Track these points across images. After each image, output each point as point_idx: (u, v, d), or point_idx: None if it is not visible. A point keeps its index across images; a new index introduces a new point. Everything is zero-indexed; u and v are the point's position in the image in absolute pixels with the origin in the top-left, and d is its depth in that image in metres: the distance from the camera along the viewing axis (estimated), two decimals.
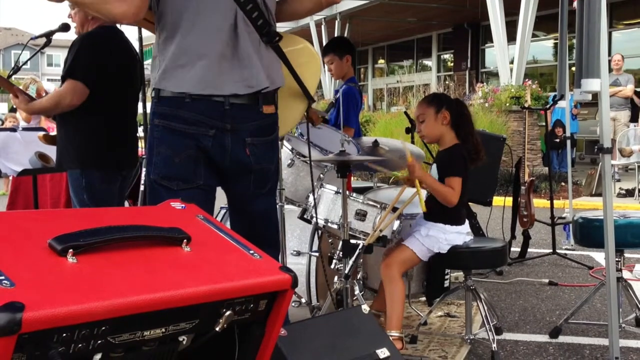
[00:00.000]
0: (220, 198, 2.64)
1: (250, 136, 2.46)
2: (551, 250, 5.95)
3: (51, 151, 4.02)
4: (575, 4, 5.44)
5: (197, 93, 2.35)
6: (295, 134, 3.96)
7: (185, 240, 1.64)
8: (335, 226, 3.45)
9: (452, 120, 3.48)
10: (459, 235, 3.44)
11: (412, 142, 4.96)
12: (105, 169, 3.46)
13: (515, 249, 5.96)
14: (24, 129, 5.20)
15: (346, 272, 3.31)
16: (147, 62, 4.08)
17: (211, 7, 2.36)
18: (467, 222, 3.55)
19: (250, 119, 2.46)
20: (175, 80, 2.37)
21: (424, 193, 3.50)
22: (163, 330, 1.47)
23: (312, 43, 2.82)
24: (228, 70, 2.38)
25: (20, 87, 3.94)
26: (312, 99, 2.75)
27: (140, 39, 4.21)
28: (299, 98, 2.73)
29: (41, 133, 4.14)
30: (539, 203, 8.08)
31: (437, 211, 3.44)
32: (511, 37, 13.04)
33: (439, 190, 3.39)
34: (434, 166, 3.55)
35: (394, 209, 3.39)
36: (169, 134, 2.40)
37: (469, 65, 20.97)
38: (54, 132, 3.77)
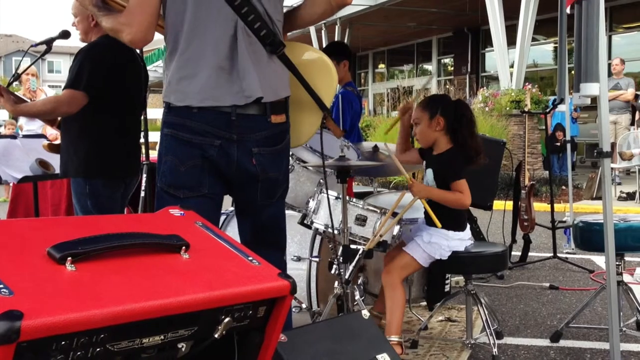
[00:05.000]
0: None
1: (257, 146, 2.47)
2: (552, 254, 5.95)
3: (52, 158, 4.03)
4: (568, 9, 5.46)
5: (198, 105, 2.38)
6: None
7: (183, 248, 1.65)
8: (335, 231, 3.44)
9: (448, 125, 3.45)
10: (461, 242, 3.43)
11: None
12: (109, 177, 3.47)
13: (516, 253, 5.96)
14: (25, 136, 5.21)
15: (346, 277, 3.32)
16: (148, 68, 4.08)
17: (210, 19, 2.38)
18: (468, 227, 3.54)
19: (257, 129, 2.46)
20: (178, 94, 2.41)
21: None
22: (162, 337, 1.47)
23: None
24: (226, 82, 2.39)
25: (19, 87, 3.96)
26: (326, 110, 2.71)
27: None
28: (314, 109, 2.70)
29: (46, 142, 4.15)
30: (540, 207, 8.08)
31: (438, 216, 3.43)
32: (511, 41, 13.06)
33: (449, 199, 3.36)
34: (429, 171, 3.51)
35: (394, 214, 3.39)
36: (176, 143, 2.43)
37: (469, 70, 21.00)
38: (58, 141, 3.77)
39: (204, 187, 2.45)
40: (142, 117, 4.00)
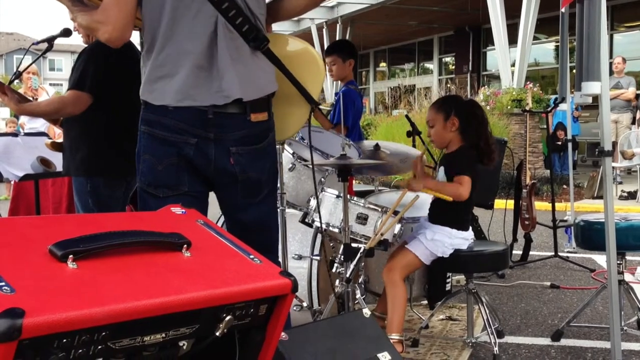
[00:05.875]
0: None
1: (235, 145, 2.40)
2: (553, 253, 5.95)
3: (54, 156, 4.03)
4: (563, 9, 5.47)
5: (175, 105, 2.32)
6: (296, 138, 3.96)
7: (185, 246, 1.64)
8: (336, 230, 3.45)
9: (461, 125, 3.47)
10: (464, 240, 3.43)
11: (413, 146, 4.97)
12: (110, 176, 3.47)
13: (517, 252, 5.96)
14: (26, 134, 5.22)
15: (347, 275, 3.32)
16: None
17: (189, 15, 2.31)
18: (470, 228, 3.54)
19: (235, 127, 2.40)
20: (155, 93, 2.36)
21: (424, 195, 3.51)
22: (163, 335, 1.47)
23: (313, 47, 2.77)
24: (205, 81, 2.33)
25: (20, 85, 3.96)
26: (314, 103, 2.66)
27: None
28: (301, 102, 2.65)
29: (49, 140, 4.15)
30: (541, 206, 8.07)
31: (443, 214, 3.43)
32: (512, 40, 13.06)
33: (444, 189, 3.37)
34: (441, 169, 3.52)
35: (395, 213, 3.39)
36: (152, 142, 2.38)
37: (470, 68, 20.99)
38: (60, 139, 3.77)
39: (183, 186, 2.40)
40: None
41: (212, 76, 2.34)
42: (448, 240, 3.39)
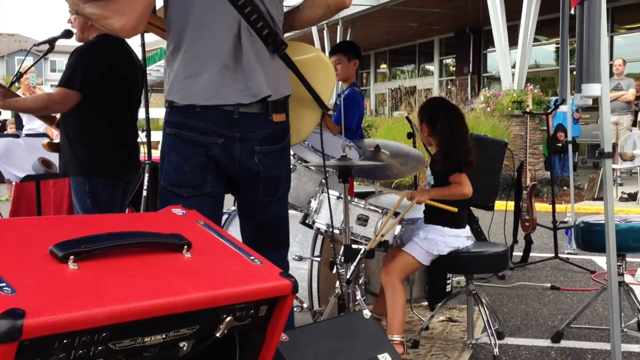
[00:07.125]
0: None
1: (260, 145, 2.48)
2: (553, 255, 5.96)
3: (54, 157, 4.03)
4: (573, 10, 5.47)
5: (202, 104, 2.38)
6: None
7: (185, 247, 1.65)
8: (337, 231, 3.45)
9: (431, 131, 3.56)
10: (457, 238, 3.45)
11: (414, 147, 4.97)
12: (109, 176, 3.47)
13: (517, 253, 5.96)
14: (27, 135, 5.22)
15: (348, 277, 3.32)
16: (150, 68, 4.09)
17: (214, 19, 2.38)
18: (467, 226, 3.55)
19: (259, 127, 2.47)
20: (182, 93, 2.40)
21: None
22: (163, 336, 1.47)
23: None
24: (231, 80, 2.40)
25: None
26: (325, 108, 2.73)
27: (143, 45, 4.22)
28: (312, 107, 2.72)
29: (46, 140, 4.15)
30: (541, 207, 8.07)
31: (435, 213, 3.46)
32: (513, 41, 13.06)
33: (446, 193, 3.44)
34: (428, 169, 3.61)
35: (396, 214, 3.39)
36: (180, 142, 2.43)
37: (470, 70, 20.98)
38: (58, 140, 3.78)
39: (207, 186, 2.46)
40: (145, 116, 4.01)
41: (237, 76, 2.41)
42: (440, 238, 3.42)
